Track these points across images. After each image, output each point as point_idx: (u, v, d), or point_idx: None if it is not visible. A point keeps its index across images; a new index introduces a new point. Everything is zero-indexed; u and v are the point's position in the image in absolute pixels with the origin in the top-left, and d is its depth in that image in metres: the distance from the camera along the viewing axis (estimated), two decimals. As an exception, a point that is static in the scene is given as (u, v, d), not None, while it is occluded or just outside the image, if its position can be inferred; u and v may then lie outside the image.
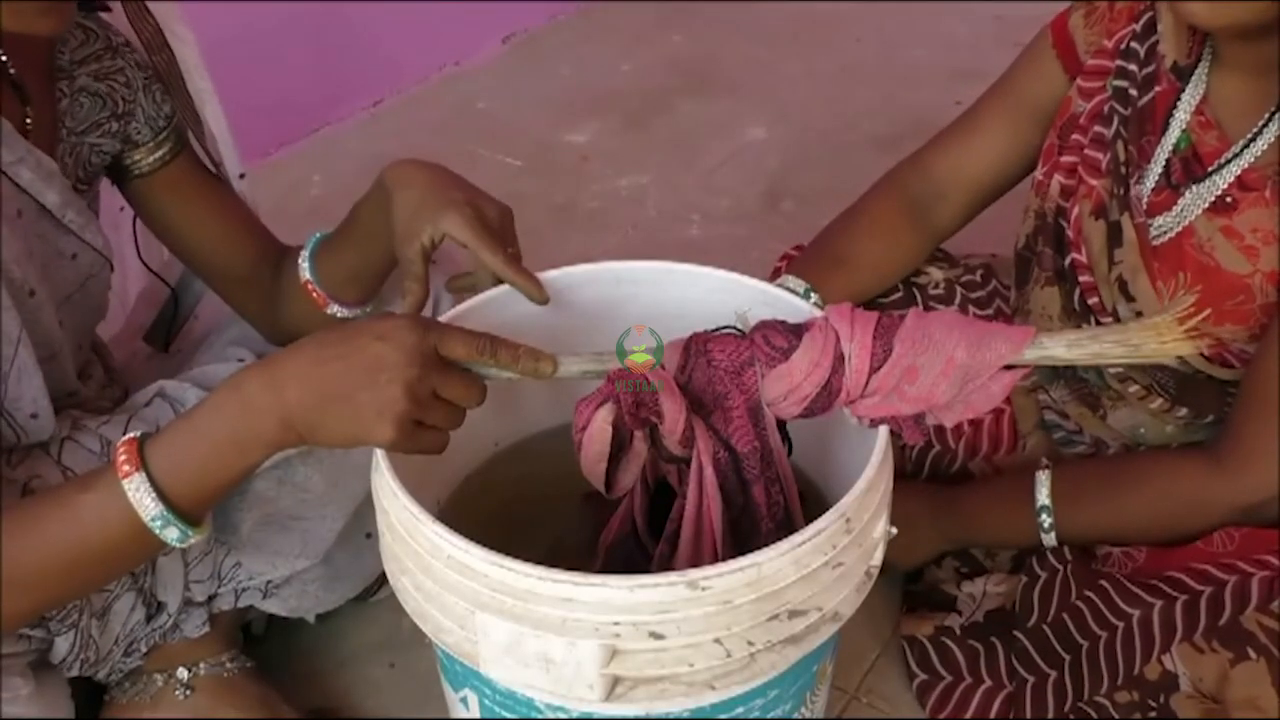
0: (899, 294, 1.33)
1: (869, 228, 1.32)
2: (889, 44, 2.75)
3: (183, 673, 1.13)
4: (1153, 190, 1.13)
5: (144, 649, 1.08)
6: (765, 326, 0.88)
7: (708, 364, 0.87)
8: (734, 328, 0.89)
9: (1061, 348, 0.84)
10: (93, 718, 1.12)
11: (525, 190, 2.22)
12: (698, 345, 0.88)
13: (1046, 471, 1.17)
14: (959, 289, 1.34)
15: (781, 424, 0.90)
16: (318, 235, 1.13)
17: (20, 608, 0.82)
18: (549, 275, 1.02)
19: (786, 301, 0.99)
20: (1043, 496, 1.16)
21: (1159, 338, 0.83)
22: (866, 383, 0.84)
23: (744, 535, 0.89)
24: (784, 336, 0.86)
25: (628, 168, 2.30)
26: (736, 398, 0.87)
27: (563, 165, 2.32)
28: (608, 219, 2.15)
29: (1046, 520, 1.16)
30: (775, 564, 0.76)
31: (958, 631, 1.21)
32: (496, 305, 1.01)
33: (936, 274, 1.35)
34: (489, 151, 2.34)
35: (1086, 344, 0.84)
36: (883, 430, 0.86)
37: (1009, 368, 0.84)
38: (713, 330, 0.89)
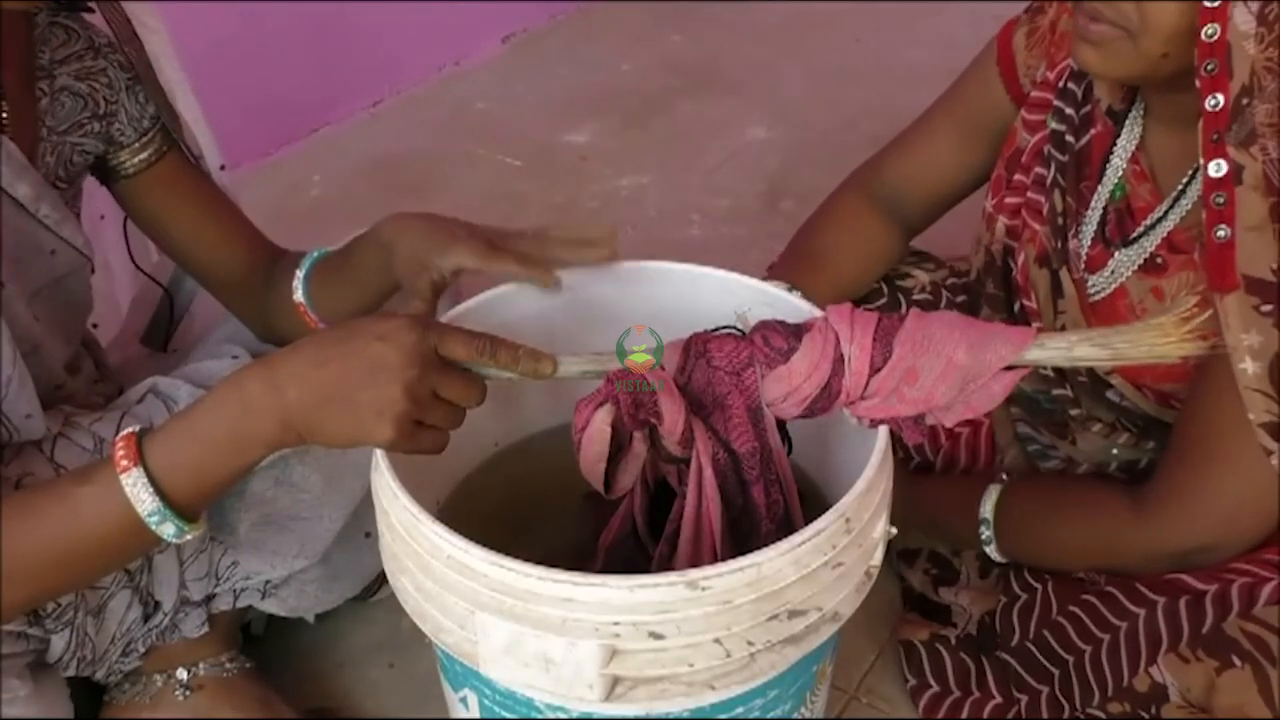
0: (884, 299, 1.32)
1: (840, 224, 1.32)
2: (888, 44, 2.75)
3: (182, 673, 1.13)
4: (1090, 245, 1.12)
5: (142, 649, 1.08)
6: (765, 327, 0.87)
7: (707, 364, 0.87)
8: (734, 328, 0.89)
9: (1064, 348, 0.84)
10: (92, 718, 1.12)
11: (525, 190, 2.21)
12: (697, 346, 0.88)
13: (998, 486, 1.17)
14: (944, 292, 1.33)
15: (781, 423, 0.89)
16: (315, 254, 1.12)
17: (15, 599, 0.82)
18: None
19: (786, 301, 0.99)
20: (986, 510, 1.16)
21: (1165, 338, 0.83)
22: (866, 384, 0.84)
23: (744, 535, 0.88)
24: (784, 338, 0.86)
25: (627, 168, 2.30)
26: (736, 398, 0.87)
27: (562, 165, 2.32)
28: (607, 219, 2.14)
29: (986, 533, 1.16)
30: (775, 564, 0.76)
31: (953, 641, 1.21)
32: (496, 305, 1.01)
33: (922, 276, 1.34)
34: (488, 151, 2.34)
35: (1090, 344, 0.84)
36: (883, 430, 0.86)
37: (1010, 368, 0.84)
38: (713, 330, 0.89)
